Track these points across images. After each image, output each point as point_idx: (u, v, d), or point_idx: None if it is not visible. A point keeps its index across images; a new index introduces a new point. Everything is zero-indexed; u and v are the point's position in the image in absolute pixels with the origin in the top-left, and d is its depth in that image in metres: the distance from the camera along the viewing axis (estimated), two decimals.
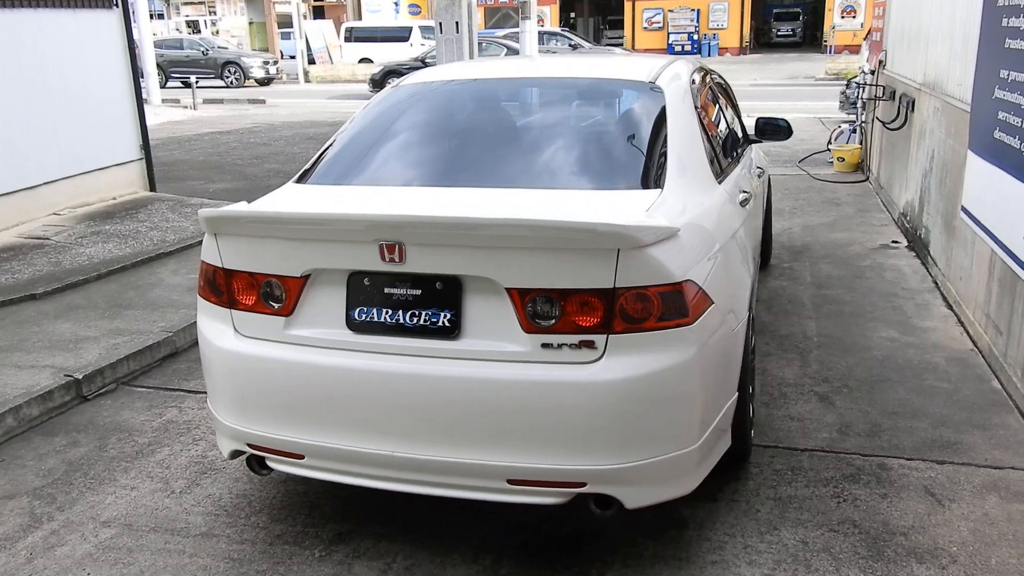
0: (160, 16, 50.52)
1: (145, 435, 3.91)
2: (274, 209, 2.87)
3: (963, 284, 4.98)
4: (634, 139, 3.27)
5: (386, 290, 2.63)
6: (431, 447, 2.62)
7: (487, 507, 2.70)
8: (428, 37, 26.50)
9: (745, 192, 3.62)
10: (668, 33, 37.94)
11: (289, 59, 32.98)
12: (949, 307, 5.21)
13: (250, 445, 2.89)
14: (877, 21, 9.32)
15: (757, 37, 42.10)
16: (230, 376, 2.87)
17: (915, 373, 4.30)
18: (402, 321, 2.62)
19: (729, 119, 4.39)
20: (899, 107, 7.39)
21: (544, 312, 2.51)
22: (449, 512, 3.12)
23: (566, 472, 2.56)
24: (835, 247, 6.69)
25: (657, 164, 3.05)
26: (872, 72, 9.32)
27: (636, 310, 2.49)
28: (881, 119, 8.32)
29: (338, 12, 38.65)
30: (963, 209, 4.90)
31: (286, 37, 33.60)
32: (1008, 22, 4.15)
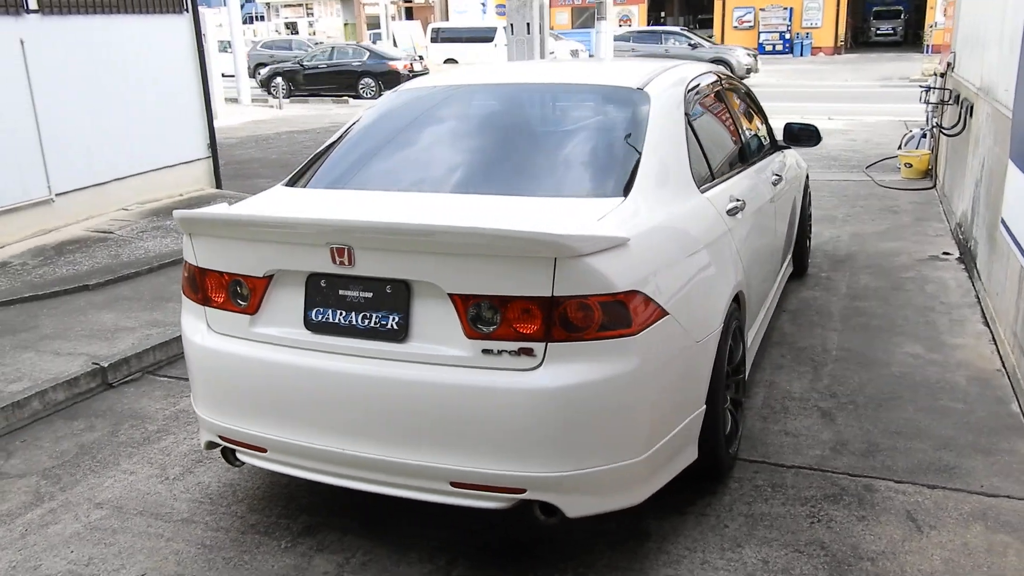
0: (261, 18, 52.49)
1: (156, 422, 4.11)
2: (237, 212, 2.99)
3: (999, 300, 4.73)
4: (608, 145, 3.25)
5: (340, 292, 2.71)
6: (379, 447, 2.68)
7: (452, 508, 2.74)
8: None
9: (736, 200, 3.54)
10: (759, 32, 37.07)
11: None
12: (986, 324, 4.95)
13: (221, 437, 3.02)
14: (948, 22, 8.91)
15: (855, 36, 40.73)
16: (203, 370, 3.02)
17: (930, 392, 4.11)
18: (355, 323, 2.70)
19: (740, 127, 4.29)
20: (960, 111, 7.06)
21: (486, 318, 2.54)
22: (416, 511, 3.17)
23: (506, 478, 2.58)
24: (881, 257, 6.43)
25: (626, 171, 3.02)
26: (942, 75, 8.91)
27: (578, 319, 2.49)
28: (942, 123, 7.96)
29: (426, 13, 39.31)
30: (1002, 221, 4.66)
31: (377, 39, 34.37)
32: None
